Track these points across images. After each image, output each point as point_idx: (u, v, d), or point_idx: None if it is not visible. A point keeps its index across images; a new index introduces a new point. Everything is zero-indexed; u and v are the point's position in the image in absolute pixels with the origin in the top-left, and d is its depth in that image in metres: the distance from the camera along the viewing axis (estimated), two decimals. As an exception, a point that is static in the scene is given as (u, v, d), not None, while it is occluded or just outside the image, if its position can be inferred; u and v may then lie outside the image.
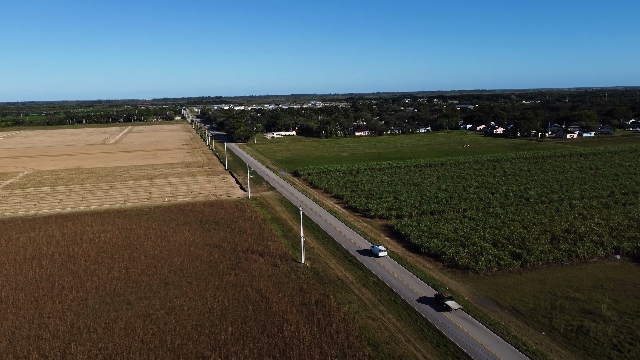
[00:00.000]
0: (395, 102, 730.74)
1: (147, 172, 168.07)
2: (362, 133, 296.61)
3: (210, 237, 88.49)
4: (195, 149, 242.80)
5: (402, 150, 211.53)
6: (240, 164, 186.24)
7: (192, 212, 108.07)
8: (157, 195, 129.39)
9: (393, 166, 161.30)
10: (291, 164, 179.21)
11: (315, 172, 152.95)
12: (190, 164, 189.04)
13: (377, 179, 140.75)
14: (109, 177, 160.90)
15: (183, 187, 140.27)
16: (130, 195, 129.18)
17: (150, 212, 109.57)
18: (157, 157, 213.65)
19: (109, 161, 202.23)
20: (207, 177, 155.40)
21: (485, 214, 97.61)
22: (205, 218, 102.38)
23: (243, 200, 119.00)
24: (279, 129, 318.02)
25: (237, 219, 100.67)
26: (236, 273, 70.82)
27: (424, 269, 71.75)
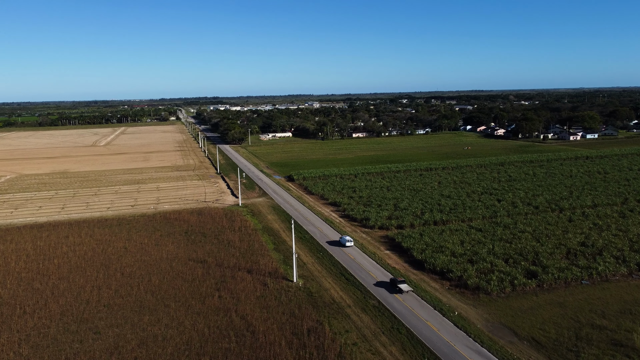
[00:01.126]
0: (392, 103, 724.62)
1: (135, 176, 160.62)
2: (360, 134, 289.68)
3: (194, 251, 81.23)
4: (187, 151, 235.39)
5: (401, 153, 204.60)
6: (233, 167, 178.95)
7: (178, 221, 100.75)
8: (142, 202, 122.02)
9: (392, 170, 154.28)
10: (286, 168, 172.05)
11: (310, 177, 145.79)
12: (180, 167, 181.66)
13: (376, 184, 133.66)
14: (95, 181, 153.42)
15: (171, 192, 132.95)
16: (114, 202, 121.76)
17: (133, 221, 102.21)
18: (148, 160, 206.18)
19: (97, 164, 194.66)
20: (198, 182, 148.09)
21: (493, 224, 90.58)
22: (191, 228, 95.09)
23: (233, 208, 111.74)
24: (275, 131, 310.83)
25: (226, 229, 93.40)
26: (220, 294, 63.57)
27: (429, 289, 64.63)
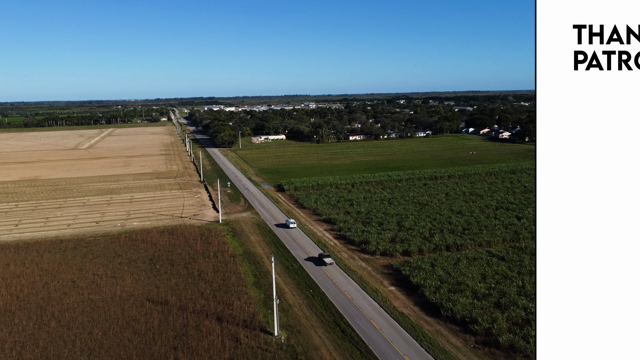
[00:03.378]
0: (390, 104, 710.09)
1: (109, 185, 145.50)
2: (357, 137, 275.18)
3: (157, 286, 66.40)
4: (172, 155, 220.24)
5: (402, 158, 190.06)
6: (219, 174, 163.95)
7: (145, 243, 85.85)
8: (110, 216, 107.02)
9: (393, 179, 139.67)
10: (277, 175, 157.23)
11: (303, 187, 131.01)
12: (162, 174, 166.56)
13: (376, 195, 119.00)
14: (64, 191, 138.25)
15: (145, 205, 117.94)
16: (78, 217, 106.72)
17: (93, 243, 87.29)
18: (128, 165, 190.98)
19: (72, 170, 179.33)
20: (177, 192, 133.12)
21: (517, 249, 76.07)
22: (158, 254, 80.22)
23: (212, 226, 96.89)
24: (268, 133, 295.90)
25: (199, 256, 78.56)
26: (177, 356, 48.80)
27: (449, 347, 50.01)
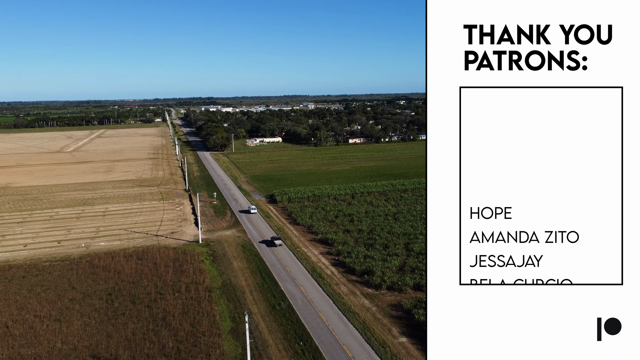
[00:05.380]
0: (390, 104, 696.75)
1: (84, 195, 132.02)
2: (357, 140, 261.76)
3: (108, 335, 52.99)
4: (161, 159, 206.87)
5: (405, 164, 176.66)
6: (207, 181, 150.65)
7: (107, 271, 72.47)
8: (76, 234, 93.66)
9: (397, 188, 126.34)
10: (270, 183, 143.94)
11: (297, 198, 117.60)
12: (145, 181, 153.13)
13: (379, 209, 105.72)
14: (33, 201, 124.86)
15: (119, 219, 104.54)
16: (39, 235, 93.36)
17: (47, 270, 73.91)
18: (111, 170, 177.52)
19: (49, 176, 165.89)
20: (157, 204, 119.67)
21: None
22: (120, 286, 66.81)
23: (190, 247, 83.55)
24: (264, 135, 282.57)
25: (168, 289, 65.15)
26: None
27: None
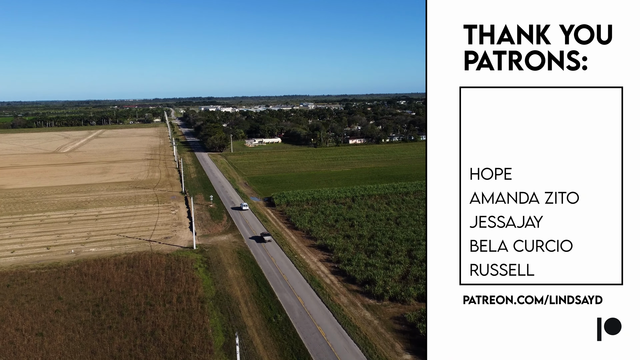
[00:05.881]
0: (390, 104, 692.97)
1: (77, 197, 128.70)
2: (357, 141, 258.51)
3: (92, 352, 49.61)
4: (158, 160, 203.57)
5: (407, 165, 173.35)
6: (204, 183, 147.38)
7: (96, 279, 69.16)
8: (66, 239, 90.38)
9: (399, 191, 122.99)
10: (268, 185, 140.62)
11: (296, 201, 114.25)
12: (141, 183, 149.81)
13: (380, 213, 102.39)
14: (25, 204, 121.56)
15: (111, 223, 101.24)
16: (28, 240, 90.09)
17: (34, 278, 70.62)
18: (107, 172, 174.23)
19: (43, 178, 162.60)
20: (152, 207, 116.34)
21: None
22: (108, 296, 63.49)
23: (183, 254, 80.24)
24: (263, 136, 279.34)
25: (158, 300, 61.82)
26: None
27: None
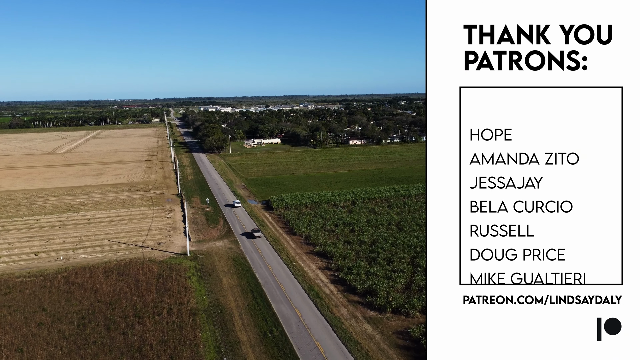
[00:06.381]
0: (390, 105, 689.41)
1: (70, 200, 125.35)
2: (358, 141, 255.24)
3: (74, 370, 46.48)
4: (155, 162, 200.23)
5: (408, 167, 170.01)
6: (201, 185, 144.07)
7: (83, 289, 65.79)
8: (55, 245, 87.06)
9: (401, 194, 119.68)
10: (267, 187, 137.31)
11: (294, 204, 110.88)
12: (136, 185, 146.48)
13: (382, 217, 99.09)
14: (16, 207, 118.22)
15: (104, 228, 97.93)
16: (16, 246, 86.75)
17: (18, 287, 67.29)
18: (102, 173, 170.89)
19: (37, 179, 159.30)
20: (147, 210, 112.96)
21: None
22: (95, 307, 60.14)
23: (176, 261, 76.88)
24: (262, 136, 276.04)
25: (148, 312, 58.48)
26: None
27: None
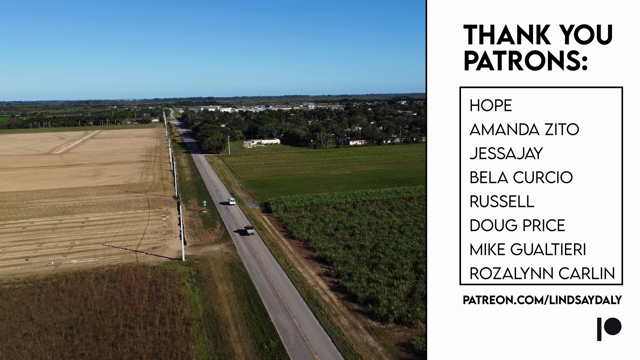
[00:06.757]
0: (391, 105, 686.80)
1: (65, 202, 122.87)
2: (358, 142, 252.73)
3: (59, 385, 44.01)
4: (152, 162, 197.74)
5: (409, 168, 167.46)
6: (198, 187, 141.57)
7: (73, 297, 63.27)
8: (47, 249, 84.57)
9: (402, 196, 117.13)
10: (265, 189, 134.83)
11: (294, 207, 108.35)
12: (133, 186, 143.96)
13: (383, 220, 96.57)
14: (9, 209, 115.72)
15: (98, 231, 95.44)
16: (6, 250, 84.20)
17: (5, 294, 64.72)
18: (99, 174, 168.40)
19: (32, 181, 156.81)
20: (142, 213, 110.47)
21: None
22: (85, 316, 57.62)
23: (171, 267, 74.35)
24: (261, 137, 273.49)
25: (139, 321, 55.96)
26: None
27: None
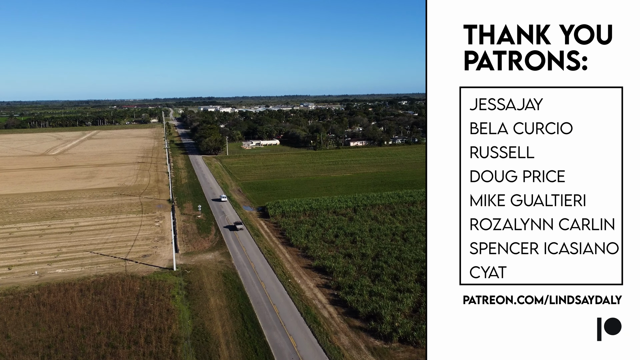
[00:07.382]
0: (392, 105, 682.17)
1: (56, 206, 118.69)
2: (359, 143, 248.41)
3: (30, 416, 39.87)
4: (149, 164, 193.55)
5: (411, 170, 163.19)
6: (194, 190, 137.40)
7: (55, 311, 59.09)
8: (33, 257, 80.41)
9: (405, 200, 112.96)
10: (263, 192, 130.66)
11: (292, 212, 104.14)
12: (127, 189, 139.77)
13: (385, 226, 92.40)
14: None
15: (87, 237, 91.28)
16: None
17: (-17, 308, 60.67)
18: (93, 176, 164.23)
19: (25, 183, 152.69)
20: (135, 217, 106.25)
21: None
22: (65, 334, 53.43)
23: (161, 277, 70.15)
24: (261, 137, 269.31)
25: (123, 339, 51.78)
26: None
27: None
